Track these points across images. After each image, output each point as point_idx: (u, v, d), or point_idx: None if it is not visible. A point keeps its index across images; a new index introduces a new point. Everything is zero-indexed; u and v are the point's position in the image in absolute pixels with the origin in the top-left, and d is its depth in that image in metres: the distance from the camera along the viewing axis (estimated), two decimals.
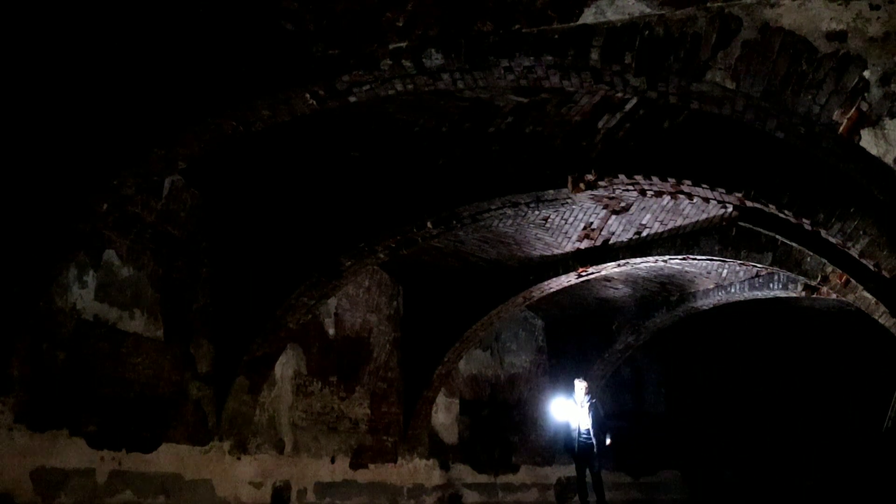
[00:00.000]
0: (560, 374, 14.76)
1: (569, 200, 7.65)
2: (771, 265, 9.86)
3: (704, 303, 13.02)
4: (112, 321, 7.26)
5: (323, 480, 10.07)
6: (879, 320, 10.13)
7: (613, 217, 9.44)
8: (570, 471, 14.97)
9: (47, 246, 5.83)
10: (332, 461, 10.31)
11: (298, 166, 7.80)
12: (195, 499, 8.02)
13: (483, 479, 13.42)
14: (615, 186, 7.17)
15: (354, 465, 10.70)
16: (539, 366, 14.93)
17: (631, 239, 9.98)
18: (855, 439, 15.18)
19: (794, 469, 15.99)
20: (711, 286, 12.63)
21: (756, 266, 10.49)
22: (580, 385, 11.58)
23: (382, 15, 4.67)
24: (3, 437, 6.07)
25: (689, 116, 6.31)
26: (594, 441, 11.25)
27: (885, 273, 6.35)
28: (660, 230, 9.73)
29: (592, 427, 11.28)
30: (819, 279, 9.60)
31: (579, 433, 11.32)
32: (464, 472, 13.09)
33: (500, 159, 7.30)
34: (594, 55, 4.38)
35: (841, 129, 3.93)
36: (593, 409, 11.38)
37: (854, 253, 6.45)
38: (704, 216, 9.31)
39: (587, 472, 11.49)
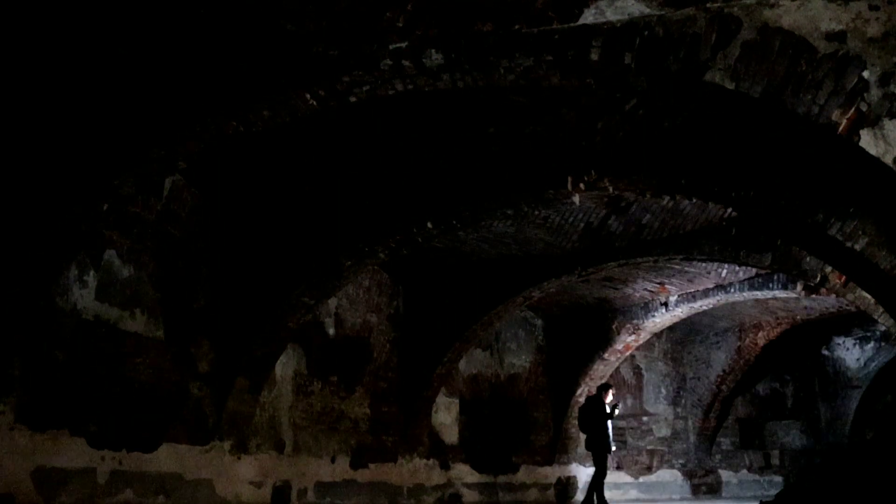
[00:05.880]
0: (560, 374, 14.79)
1: (569, 200, 7.66)
2: (771, 265, 9.87)
3: (704, 303, 13.04)
4: (112, 321, 7.26)
5: (323, 480, 10.08)
6: (879, 320, 10.15)
7: (613, 217, 9.45)
8: (569, 471, 15.05)
9: (48, 246, 5.84)
10: (333, 461, 10.32)
11: (299, 166, 7.81)
12: (195, 498, 8.03)
13: (483, 478, 13.43)
14: (615, 186, 7.18)
15: (355, 465, 10.71)
16: (539, 365, 14.94)
17: (631, 239, 9.99)
18: None
19: None
20: (711, 286, 12.65)
21: (756, 266, 10.51)
22: (611, 392, 12.50)
23: (382, 15, 4.68)
24: (4, 437, 6.07)
25: (688, 117, 6.32)
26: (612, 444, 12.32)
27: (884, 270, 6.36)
28: (660, 230, 9.74)
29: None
30: (819, 279, 9.61)
31: (608, 436, 12.13)
32: (464, 472, 13.10)
33: (500, 159, 7.31)
34: (594, 55, 4.38)
35: (840, 129, 3.94)
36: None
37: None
38: (704, 216, 9.32)
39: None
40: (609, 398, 12.40)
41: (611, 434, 12.15)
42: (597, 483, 12.02)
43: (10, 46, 5.29)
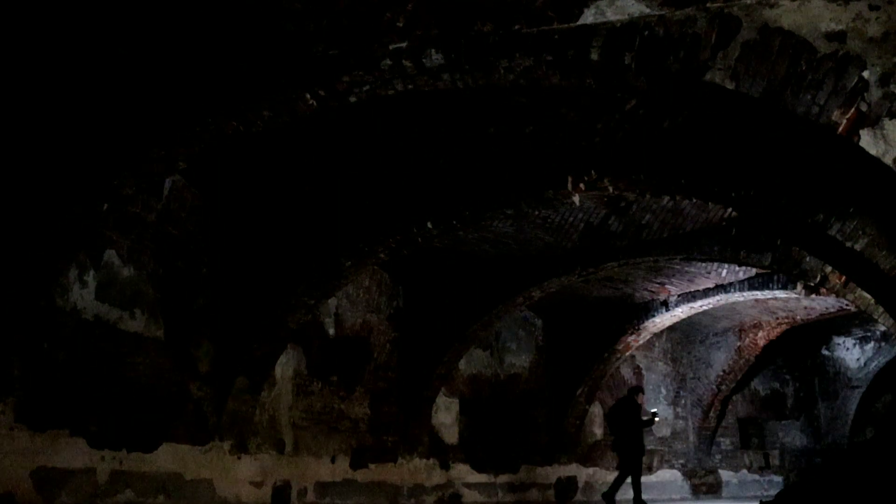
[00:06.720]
0: (560, 374, 14.79)
1: (569, 200, 7.66)
2: (770, 265, 9.87)
3: (704, 303, 13.05)
4: (112, 321, 7.26)
5: (323, 480, 10.08)
6: (879, 320, 10.16)
7: (613, 217, 9.46)
8: (569, 471, 15.05)
9: (48, 246, 5.84)
10: (333, 461, 10.32)
11: (299, 166, 7.81)
12: (195, 498, 8.03)
13: (483, 478, 13.42)
14: (615, 186, 7.18)
15: (355, 465, 10.71)
16: (539, 366, 14.93)
17: (631, 239, 10.00)
18: None
19: None
20: (711, 286, 12.66)
21: (756, 266, 10.51)
22: (643, 398, 13.17)
23: (382, 15, 4.68)
24: (4, 436, 6.07)
25: (688, 117, 6.32)
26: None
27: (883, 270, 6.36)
28: (660, 230, 9.74)
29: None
30: (819, 279, 9.62)
31: (642, 441, 12.69)
32: (464, 472, 13.10)
33: (500, 159, 7.32)
34: (594, 55, 4.38)
35: (840, 129, 3.94)
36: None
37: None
38: (704, 216, 9.33)
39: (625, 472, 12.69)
40: (640, 400, 12.85)
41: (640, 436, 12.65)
42: (635, 485, 12.32)
43: (11, 46, 5.29)
